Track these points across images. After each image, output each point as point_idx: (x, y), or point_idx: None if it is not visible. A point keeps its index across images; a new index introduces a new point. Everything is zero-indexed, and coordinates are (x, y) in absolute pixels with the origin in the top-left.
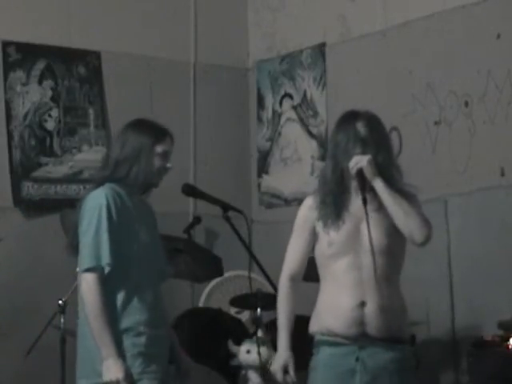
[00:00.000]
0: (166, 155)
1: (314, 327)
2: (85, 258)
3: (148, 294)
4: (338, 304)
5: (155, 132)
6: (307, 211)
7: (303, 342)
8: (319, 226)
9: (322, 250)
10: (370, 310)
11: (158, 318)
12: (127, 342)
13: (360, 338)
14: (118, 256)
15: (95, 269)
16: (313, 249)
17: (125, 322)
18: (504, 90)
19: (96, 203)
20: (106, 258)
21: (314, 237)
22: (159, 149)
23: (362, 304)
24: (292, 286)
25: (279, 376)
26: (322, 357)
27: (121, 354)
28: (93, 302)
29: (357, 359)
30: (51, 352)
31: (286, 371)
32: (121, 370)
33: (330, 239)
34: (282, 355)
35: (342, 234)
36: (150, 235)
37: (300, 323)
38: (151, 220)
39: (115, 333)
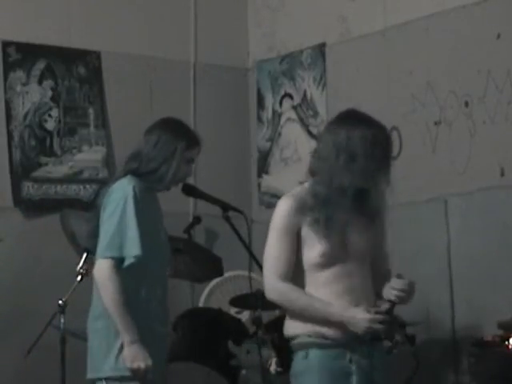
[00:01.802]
0: (191, 163)
1: (296, 329)
2: (106, 246)
3: (159, 291)
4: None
5: (190, 137)
6: (291, 215)
7: None
8: (308, 234)
9: (310, 258)
10: None
11: (165, 315)
12: None
13: (352, 341)
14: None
15: (115, 258)
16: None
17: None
18: (504, 90)
19: (123, 194)
20: (134, 250)
21: (297, 241)
22: (189, 155)
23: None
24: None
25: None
26: (315, 359)
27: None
28: (113, 289)
29: (350, 361)
30: (51, 352)
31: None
32: (147, 357)
33: (323, 250)
34: (356, 313)
35: (333, 244)
36: (166, 233)
37: None
38: (163, 218)
39: None
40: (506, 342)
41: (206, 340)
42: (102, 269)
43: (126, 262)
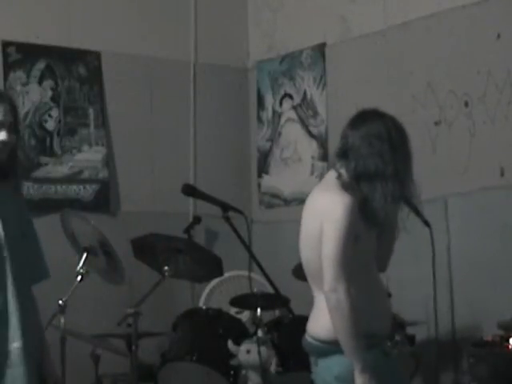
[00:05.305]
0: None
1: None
2: None
3: None
4: (384, 305)
5: None
6: (354, 213)
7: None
8: (365, 231)
9: (367, 253)
10: None
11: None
12: None
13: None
14: None
15: None
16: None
17: None
18: (504, 90)
19: None
20: None
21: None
22: None
23: None
24: None
25: None
26: (379, 361)
27: None
28: None
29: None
30: (51, 352)
31: None
32: None
33: (375, 247)
34: None
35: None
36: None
37: (300, 323)
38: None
39: None
40: (506, 342)
41: (206, 340)
42: None
43: None
